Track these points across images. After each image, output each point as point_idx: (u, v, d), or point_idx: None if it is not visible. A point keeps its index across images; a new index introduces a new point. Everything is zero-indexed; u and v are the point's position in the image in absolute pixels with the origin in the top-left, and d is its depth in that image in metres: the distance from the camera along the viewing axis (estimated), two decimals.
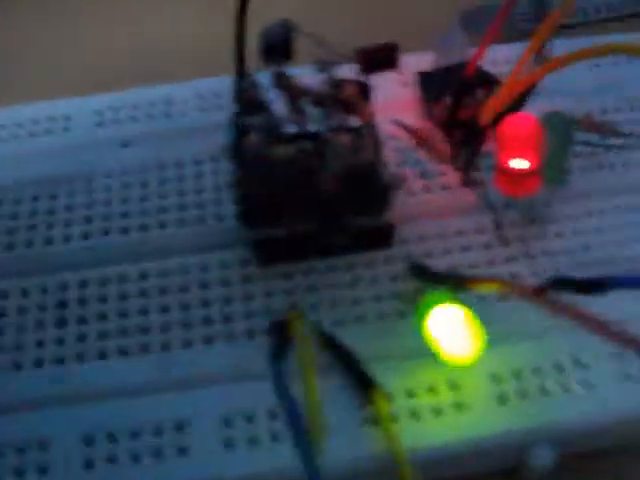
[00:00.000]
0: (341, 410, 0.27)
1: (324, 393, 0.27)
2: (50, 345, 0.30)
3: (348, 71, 0.30)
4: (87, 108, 0.37)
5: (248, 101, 0.30)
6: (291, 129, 0.30)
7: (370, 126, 0.30)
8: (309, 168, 0.29)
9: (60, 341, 0.30)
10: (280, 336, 0.28)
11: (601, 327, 0.28)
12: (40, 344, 0.30)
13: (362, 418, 0.27)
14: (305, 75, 0.30)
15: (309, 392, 0.26)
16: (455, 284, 0.29)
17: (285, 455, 0.27)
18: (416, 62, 0.36)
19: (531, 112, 0.31)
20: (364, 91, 0.30)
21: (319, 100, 0.30)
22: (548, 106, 0.32)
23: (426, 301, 0.28)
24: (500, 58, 0.36)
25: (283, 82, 0.30)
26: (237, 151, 0.29)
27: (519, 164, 0.29)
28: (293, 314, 0.28)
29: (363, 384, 0.27)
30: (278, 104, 0.30)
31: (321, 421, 0.25)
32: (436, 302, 0.28)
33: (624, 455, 0.29)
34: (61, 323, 0.30)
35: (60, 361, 0.30)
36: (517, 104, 0.32)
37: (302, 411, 0.26)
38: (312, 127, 0.30)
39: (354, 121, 0.30)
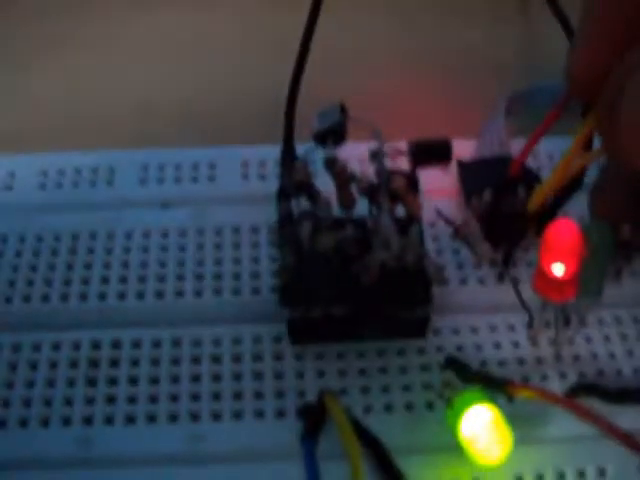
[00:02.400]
0: None
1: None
2: (79, 404, 0.30)
3: (399, 163, 0.31)
4: (132, 162, 0.37)
5: (298, 185, 0.30)
6: (337, 214, 0.30)
7: (417, 220, 0.30)
8: (351, 255, 0.30)
9: (90, 401, 0.30)
10: (313, 417, 0.28)
11: (627, 439, 0.28)
12: (69, 402, 0.30)
13: None
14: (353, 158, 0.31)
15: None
16: (491, 386, 0.29)
17: None
18: (457, 148, 0.37)
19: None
20: (412, 183, 0.31)
21: (367, 188, 0.30)
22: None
23: (460, 399, 0.29)
24: (542, 152, 0.37)
25: (335, 168, 0.30)
26: (287, 236, 0.30)
27: (558, 270, 0.29)
28: (329, 396, 0.29)
29: (392, 476, 0.28)
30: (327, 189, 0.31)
31: None
32: (470, 401, 0.28)
33: None
34: (91, 383, 0.31)
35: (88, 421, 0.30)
36: (566, 195, 0.32)
37: None
38: (358, 214, 0.31)
39: (401, 211, 0.30)
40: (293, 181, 0.30)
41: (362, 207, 0.31)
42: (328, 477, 0.27)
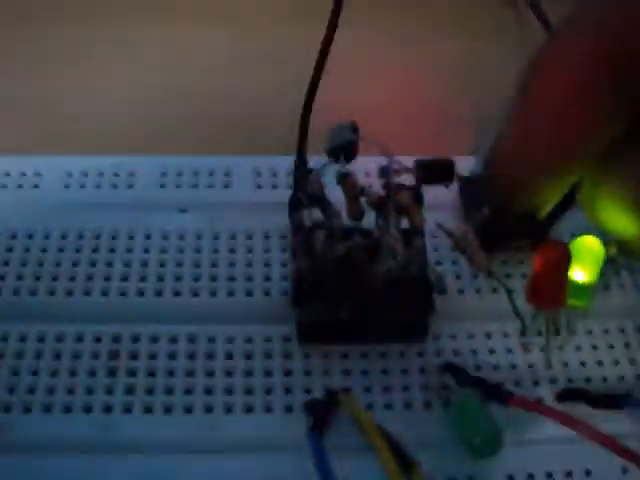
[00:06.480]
0: None
1: (362, 474, 0.30)
2: (100, 394, 0.32)
3: (405, 179, 0.33)
4: (150, 166, 0.39)
5: (311, 196, 0.32)
6: (348, 225, 0.33)
7: (420, 232, 0.32)
8: (359, 263, 0.32)
9: (109, 391, 0.32)
10: (321, 413, 0.31)
11: (611, 443, 0.30)
12: (90, 391, 0.32)
13: None
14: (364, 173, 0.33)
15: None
16: (489, 394, 0.31)
17: None
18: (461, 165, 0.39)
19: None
20: (418, 199, 0.33)
21: (376, 202, 0.33)
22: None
23: (457, 400, 0.31)
24: None
25: (346, 182, 0.32)
26: (300, 243, 0.32)
27: (550, 283, 0.32)
28: (345, 395, 0.31)
29: (404, 462, 0.30)
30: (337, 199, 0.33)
31: None
32: (467, 404, 0.31)
33: None
34: (111, 374, 0.33)
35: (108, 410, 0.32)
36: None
37: None
38: (367, 226, 0.33)
39: (406, 224, 0.33)
40: (307, 192, 0.32)
41: (370, 219, 0.33)
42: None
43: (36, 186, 0.39)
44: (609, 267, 0.37)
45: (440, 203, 0.37)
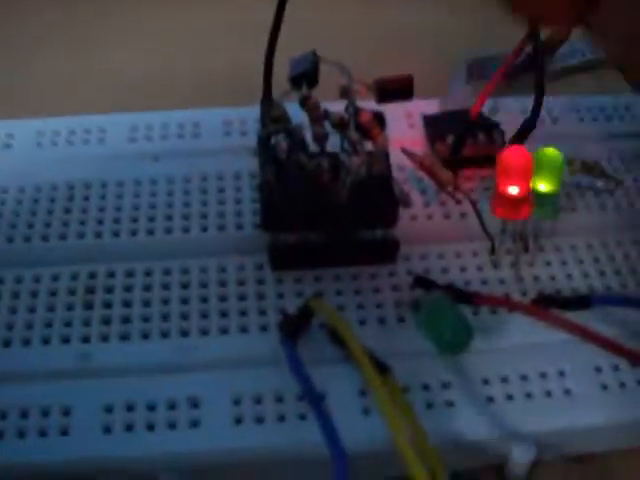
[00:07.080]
0: (347, 396, 0.30)
1: (331, 382, 0.31)
2: (77, 326, 0.33)
3: (367, 101, 0.34)
4: (122, 124, 0.40)
5: (275, 118, 0.33)
6: (312, 147, 0.33)
7: (383, 149, 0.33)
8: (325, 183, 0.33)
9: (87, 322, 0.33)
10: (293, 323, 0.31)
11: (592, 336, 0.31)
12: (68, 324, 0.33)
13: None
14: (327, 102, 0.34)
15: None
16: (458, 298, 0.32)
17: (289, 433, 0.30)
18: (423, 106, 0.40)
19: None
20: (379, 119, 0.34)
21: (339, 123, 0.33)
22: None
23: (425, 303, 0.31)
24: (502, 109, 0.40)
25: (308, 104, 0.33)
26: (266, 154, 0.33)
27: (513, 190, 0.33)
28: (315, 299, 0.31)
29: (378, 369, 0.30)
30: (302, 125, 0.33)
31: None
32: (434, 304, 0.31)
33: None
34: (88, 306, 0.33)
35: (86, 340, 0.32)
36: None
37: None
38: (330, 147, 0.34)
39: (369, 145, 0.33)
40: (271, 116, 0.33)
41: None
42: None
43: (8, 146, 0.39)
44: (574, 190, 0.38)
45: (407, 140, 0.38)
